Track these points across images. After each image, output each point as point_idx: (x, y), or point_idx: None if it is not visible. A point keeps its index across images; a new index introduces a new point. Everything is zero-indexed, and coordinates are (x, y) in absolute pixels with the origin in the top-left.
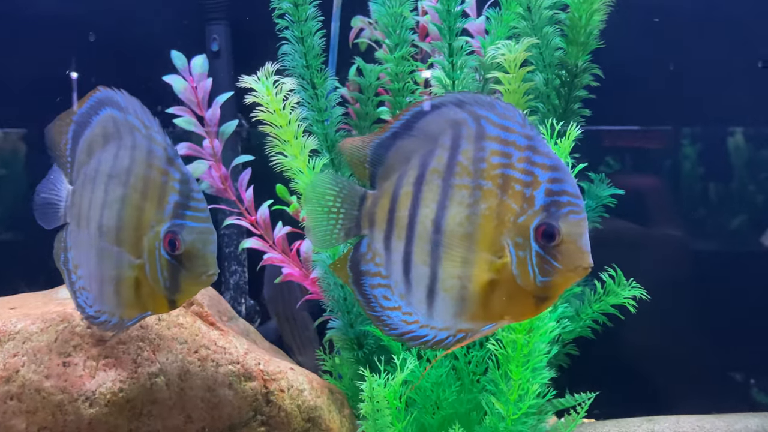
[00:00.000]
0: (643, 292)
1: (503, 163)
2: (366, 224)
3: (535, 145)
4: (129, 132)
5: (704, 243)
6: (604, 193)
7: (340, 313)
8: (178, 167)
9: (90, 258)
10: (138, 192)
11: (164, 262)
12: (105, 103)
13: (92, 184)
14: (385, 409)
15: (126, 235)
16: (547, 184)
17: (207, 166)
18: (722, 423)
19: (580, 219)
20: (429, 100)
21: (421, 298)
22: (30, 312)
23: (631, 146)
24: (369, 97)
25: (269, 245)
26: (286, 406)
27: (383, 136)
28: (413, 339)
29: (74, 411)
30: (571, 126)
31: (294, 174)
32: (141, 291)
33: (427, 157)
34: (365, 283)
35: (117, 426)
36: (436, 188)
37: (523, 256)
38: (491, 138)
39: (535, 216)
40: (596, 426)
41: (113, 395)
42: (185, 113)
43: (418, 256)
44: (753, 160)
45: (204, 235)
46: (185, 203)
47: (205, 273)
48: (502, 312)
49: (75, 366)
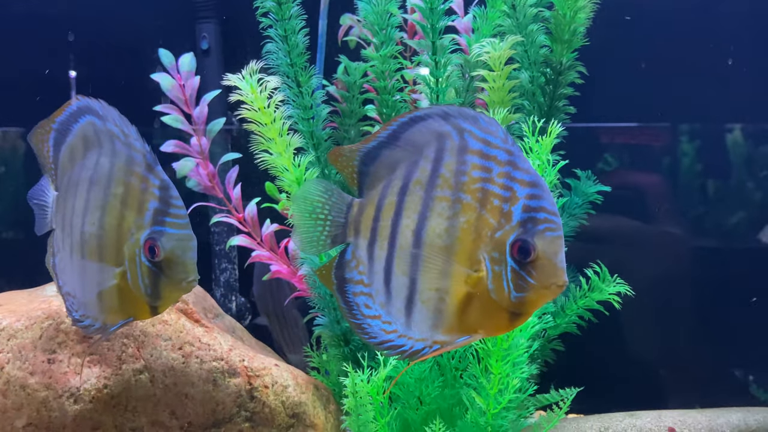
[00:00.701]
0: (628, 288)
1: (483, 177)
2: (351, 232)
3: (515, 160)
4: (109, 139)
5: (701, 240)
6: (590, 190)
7: (326, 310)
8: (157, 174)
9: (74, 264)
10: (118, 199)
11: (145, 269)
12: (84, 111)
13: (75, 191)
14: (368, 405)
15: (107, 242)
16: (525, 200)
17: (194, 163)
18: (704, 418)
19: (557, 236)
20: (416, 111)
21: (400, 308)
22: (15, 309)
23: (630, 143)
24: (354, 95)
25: (257, 243)
26: (271, 402)
27: (370, 146)
28: (391, 348)
29: (59, 407)
30: (552, 123)
31: (279, 172)
32: (123, 298)
33: (411, 168)
34: (348, 291)
35: (102, 422)
36: (419, 199)
37: (498, 270)
38: (473, 152)
39: (512, 231)
40: (579, 421)
41: (98, 391)
42: (173, 111)
43: (399, 266)
44: (752, 157)
45: (183, 242)
46: (165, 210)
47: (185, 279)
48: (476, 326)
49: (60, 363)
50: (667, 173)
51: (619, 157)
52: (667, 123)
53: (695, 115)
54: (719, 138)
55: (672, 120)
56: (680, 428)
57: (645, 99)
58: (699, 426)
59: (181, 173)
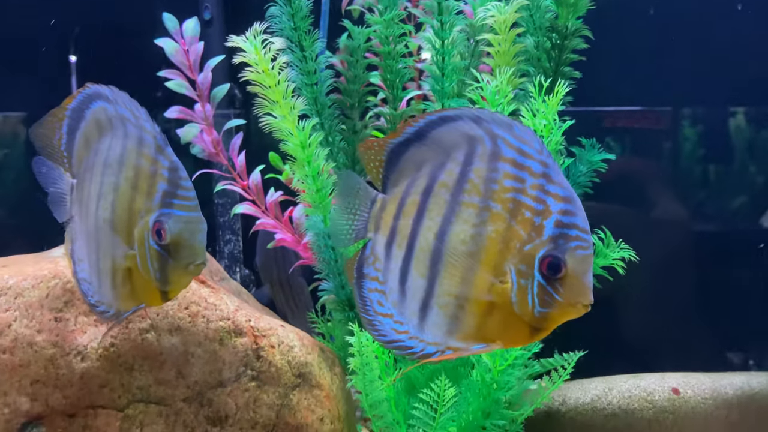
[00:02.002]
0: (632, 253)
1: (515, 188)
2: (372, 228)
3: (550, 173)
4: (120, 123)
5: (703, 224)
6: (595, 158)
7: (331, 275)
8: (167, 155)
9: (89, 250)
10: (129, 182)
11: (153, 252)
12: (94, 97)
13: (90, 177)
14: (374, 364)
15: (119, 225)
16: (557, 215)
17: (198, 129)
18: (707, 379)
19: (587, 255)
20: (445, 110)
21: (414, 310)
22: (21, 269)
23: (632, 127)
24: (358, 60)
25: (262, 211)
26: (277, 362)
27: (396, 141)
28: (400, 348)
29: (66, 365)
30: (559, 84)
31: (284, 135)
32: (134, 282)
33: (437, 169)
34: (364, 286)
35: (109, 380)
36: (443, 202)
37: (524, 284)
38: (506, 160)
39: (542, 246)
40: (583, 383)
41: (105, 350)
42: (177, 76)
43: (417, 267)
44: (753, 142)
45: (191, 224)
46: (173, 191)
47: (192, 263)
48: (494, 336)
49: (67, 321)
50: (669, 158)
51: (620, 141)
52: (668, 107)
53: (698, 99)
54: (722, 122)
55: (674, 104)
56: (684, 389)
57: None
58: (702, 386)
59: (185, 139)
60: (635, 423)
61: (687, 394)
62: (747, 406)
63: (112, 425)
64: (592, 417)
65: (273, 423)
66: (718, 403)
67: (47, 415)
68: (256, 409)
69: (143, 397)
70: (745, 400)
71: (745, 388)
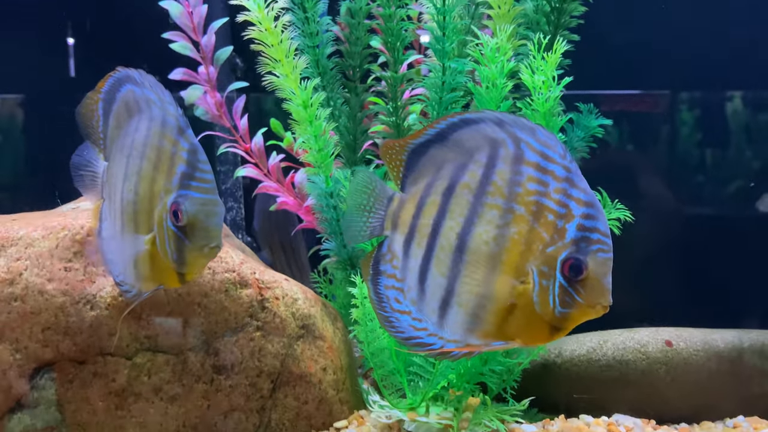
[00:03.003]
0: (628, 213)
1: (539, 191)
2: (389, 225)
3: (573, 178)
4: (147, 105)
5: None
6: (592, 123)
7: (333, 235)
8: (187, 137)
9: (115, 231)
10: (151, 163)
11: (170, 233)
12: (124, 80)
13: (118, 159)
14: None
15: (141, 207)
16: (580, 219)
17: (202, 91)
18: (699, 333)
19: (608, 258)
20: (467, 113)
21: (434, 308)
22: (32, 221)
23: (630, 110)
24: (359, 22)
25: (264, 174)
26: (281, 313)
27: (417, 141)
28: (419, 345)
29: (76, 313)
30: (558, 41)
31: (286, 94)
32: (153, 264)
33: (459, 171)
34: (381, 283)
35: (117, 328)
36: (466, 203)
37: (546, 285)
38: (529, 163)
39: (565, 248)
40: (578, 336)
41: (113, 299)
42: (181, 38)
43: (437, 266)
44: (751, 125)
45: (207, 206)
46: (191, 173)
47: (207, 245)
48: (515, 334)
49: (76, 271)
50: (667, 141)
51: (617, 124)
52: (666, 90)
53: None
54: (718, 106)
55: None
56: (676, 341)
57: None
58: (694, 339)
59: (189, 100)
60: (629, 374)
61: (680, 346)
62: (737, 360)
63: (120, 373)
64: (587, 368)
65: (278, 371)
66: (710, 356)
67: (58, 362)
68: (261, 358)
69: (151, 346)
70: (735, 353)
71: (736, 342)
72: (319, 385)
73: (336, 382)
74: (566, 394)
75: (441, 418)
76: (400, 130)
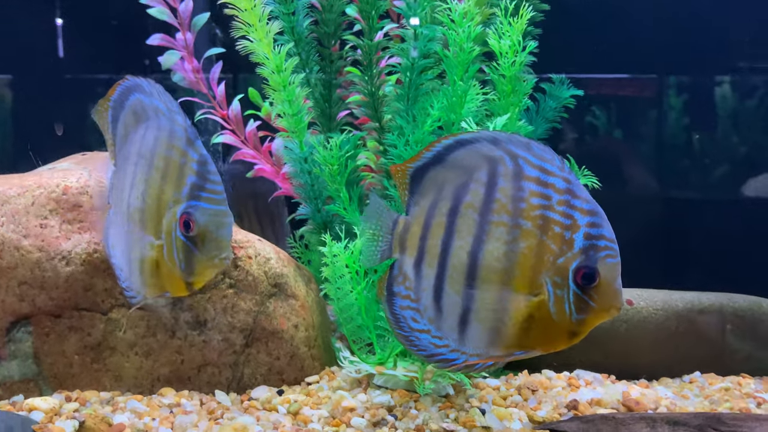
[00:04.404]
0: (595, 180)
1: (543, 205)
2: (397, 248)
3: (574, 189)
4: (155, 114)
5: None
6: (564, 94)
7: (307, 200)
8: (196, 148)
9: (121, 237)
10: (159, 173)
11: (180, 243)
12: (132, 89)
13: (125, 166)
14: (344, 272)
15: (148, 215)
16: (586, 228)
17: (178, 56)
18: (660, 294)
19: (616, 263)
20: (461, 134)
21: (452, 325)
22: (8, 180)
23: (617, 95)
24: None
25: (241, 141)
26: (254, 272)
27: (415, 165)
28: (443, 361)
29: (52, 268)
30: (523, 6)
31: (260, 59)
32: (160, 272)
33: (461, 190)
34: (396, 304)
35: (92, 284)
36: (472, 222)
37: (560, 295)
38: (529, 178)
39: (575, 258)
40: None
41: (88, 255)
42: (159, 4)
43: (451, 285)
44: (739, 110)
45: (218, 217)
46: (201, 185)
47: (217, 256)
48: (535, 344)
49: (51, 228)
50: (654, 126)
51: (606, 109)
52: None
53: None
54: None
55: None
56: (637, 301)
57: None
58: (655, 299)
59: (165, 65)
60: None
61: (640, 305)
62: (695, 320)
63: (96, 327)
64: None
65: (250, 327)
66: (669, 315)
67: (34, 315)
68: (234, 315)
69: (125, 302)
70: (693, 314)
71: (695, 302)
72: (291, 341)
73: (308, 339)
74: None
75: (408, 371)
76: (375, 99)
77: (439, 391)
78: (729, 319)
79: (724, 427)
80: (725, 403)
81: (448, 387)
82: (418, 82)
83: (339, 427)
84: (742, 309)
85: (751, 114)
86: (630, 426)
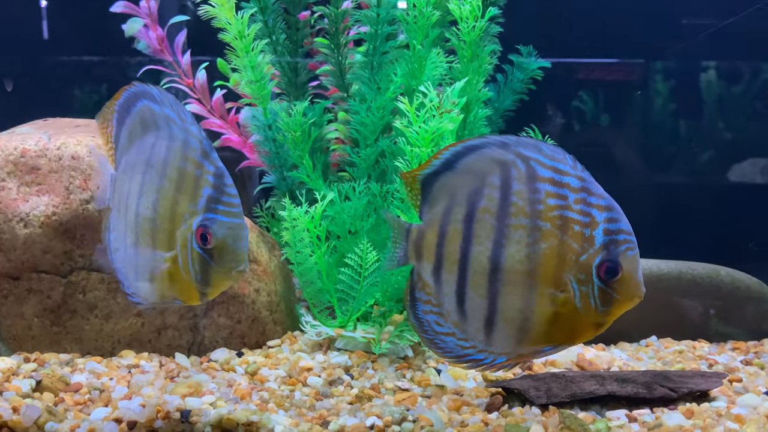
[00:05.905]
0: None
1: (560, 205)
2: (413, 256)
3: (588, 186)
4: (165, 124)
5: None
6: (532, 65)
7: (272, 168)
8: (212, 161)
9: (127, 244)
10: (173, 184)
11: (196, 255)
12: (140, 95)
13: (132, 173)
14: (306, 237)
15: (160, 226)
16: (604, 224)
17: (141, 23)
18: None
19: (636, 254)
20: (469, 140)
21: (478, 327)
22: None
23: (604, 80)
24: None
25: (207, 110)
26: None
27: (425, 172)
28: (471, 362)
29: (9, 230)
30: None
31: (222, 24)
32: (173, 282)
33: (474, 196)
34: (418, 309)
35: (51, 246)
36: (490, 227)
37: (585, 291)
38: (543, 179)
39: (597, 254)
40: None
41: (47, 218)
42: None
43: (474, 289)
44: (726, 98)
45: (235, 230)
46: (218, 197)
47: (235, 268)
48: (562, 339)
49: (9, 190)
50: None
51: (593, 94)
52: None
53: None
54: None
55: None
56: None
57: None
58: None
59: (129, 32)
60: None
61: None
62: (654, 285)
63: (56, 290)
64: None
65: None
66: None
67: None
68: None
69: (85, 265)
70: (653, 279)
71: (654, 269)
72: (253, 305)
73: (270, 304)
74: None
75: (366, 333)
76: (342, 69)
77: (397, 353)
78: (687, 285)
79: (670, 384)
80: (677, 365)
81: (407, 349)
82: (381, 49)
83: (295, 386)
84: (700, 276)
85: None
86: (580, 383)
